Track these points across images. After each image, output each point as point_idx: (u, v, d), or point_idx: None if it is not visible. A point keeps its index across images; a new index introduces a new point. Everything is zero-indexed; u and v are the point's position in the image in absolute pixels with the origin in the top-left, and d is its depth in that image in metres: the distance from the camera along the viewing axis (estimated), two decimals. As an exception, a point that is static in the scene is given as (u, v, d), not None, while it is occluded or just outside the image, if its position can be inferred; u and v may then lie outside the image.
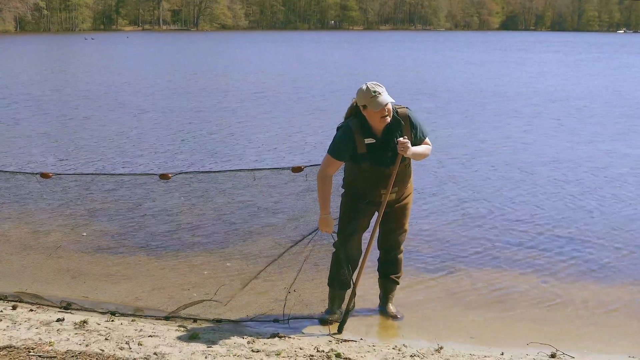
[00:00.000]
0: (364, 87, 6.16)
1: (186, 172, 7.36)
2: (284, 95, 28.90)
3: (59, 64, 50.10)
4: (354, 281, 6.54)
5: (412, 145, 6.25)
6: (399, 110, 6.32)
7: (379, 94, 6.09)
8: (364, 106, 6.16)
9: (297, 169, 6.68)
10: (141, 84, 34.12)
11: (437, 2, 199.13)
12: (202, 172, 7.58)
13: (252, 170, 6.98)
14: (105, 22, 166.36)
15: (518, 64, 53.57)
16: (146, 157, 15.40)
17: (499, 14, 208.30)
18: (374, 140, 6.25)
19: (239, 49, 75.49)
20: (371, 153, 6.26)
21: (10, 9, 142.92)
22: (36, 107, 24.49)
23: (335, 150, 6.28)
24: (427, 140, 6.51)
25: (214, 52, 70.49)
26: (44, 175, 7.48)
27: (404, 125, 6.28)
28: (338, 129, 6.41)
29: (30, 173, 7.86)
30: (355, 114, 6.34)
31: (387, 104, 6.10)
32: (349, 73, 41.19)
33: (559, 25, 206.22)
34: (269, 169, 6.98)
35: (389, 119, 6.18)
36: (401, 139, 6.16)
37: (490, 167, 14.60)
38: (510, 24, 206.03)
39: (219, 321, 6.54)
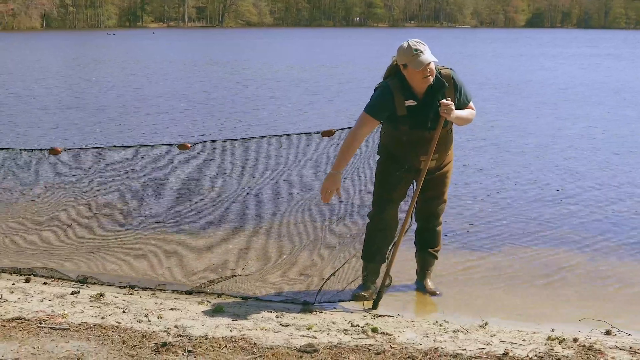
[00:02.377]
0: (405, 44, 5.66)
1: (207, 141, 6.87)
2: (333, 86, 28.54)
3: (92, 59, 49.84)
4: (389, 255, 6.07)
5: (455, 109, 5.78)
6: (442, 71, 5.82)
7: (421, 52, 5.60)
8: (405, 65, 5.67)
9: (327, 133, 6.19)
10: (183, 75, 33.94)
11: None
12: (224, 140, 7.09)
13: (278, 136, 6.50)
14: (130, 19, 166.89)
15: (564, 57, 52.76)
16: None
17: (524, 12, 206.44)
18: (415, 102, 5.75)
19: (271, 44, 74.78)
20: (411, 116, 5.77)
21: (36, 5, 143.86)
22: (74, 97, 24.36)
23: (374, 109, 5.78)
24: (471, 104, 6.03)
25: (247, 46, 69.84)
26: (53, 152, 7.07)
27: (447, 87, 5.78)
28: (376, 89, 5.92)
29: (38, 150, 7.46)
30: (395, 73, 5.85)
31: (429, 63, 5.61)
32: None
33: (585, 22, 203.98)
34: (297, 134, 6.47)
35: (431, 80, 5.69)
36: (444, 100, 5.68)
37: (541, 150, 14.33)
38: (536, 21, 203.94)
39: (244, 298, 6.09)
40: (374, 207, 6.13)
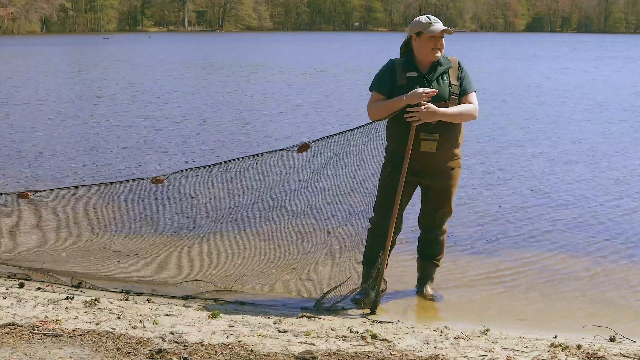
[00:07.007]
0: (421, 17, 5.86)
1: (178, 171, 6.80)
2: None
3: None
4: (380, 260, 5.93)
5: (458, 93, 5.79)
6: (449, 57, 5.90)
7: (437, 22, 5.78)
8: (418, 33, 5.79)
9: (303, 148, 6.02)
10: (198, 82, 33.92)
11: (462, 4, 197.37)
12: (196, 168, 7.02)
13: (253, 156, 6.38)
14: (130, 23, 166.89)
15: (592, 60, 52.95)
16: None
17: (524, 16, 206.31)
18: (416, 74, 5.78)
19: (277, 48, 74.62)
20: (411, 87, 5.71)
21: (36, 9, 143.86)
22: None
23: (376, 81, 5.92)
24: (470, 97, 5.85)
25: (255, 50, 69.61)
26: (22, 196, 6.92)
27: (452, 66, 5.84)
28: None
29: (6, 193, 7.31)
30: (405, 52, 5.97)
31: (443, 30, 5.72)
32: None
33: (585, 27, 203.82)
34: (271, 151, 6.30)
35: (439, 55, 5.78)
36: (424, 106, 5.59)
37: (541, 151, 14.32)
38: (536, 25, 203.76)
39: (242, 303, 5.99)
40: (375, 213, 6.04)
